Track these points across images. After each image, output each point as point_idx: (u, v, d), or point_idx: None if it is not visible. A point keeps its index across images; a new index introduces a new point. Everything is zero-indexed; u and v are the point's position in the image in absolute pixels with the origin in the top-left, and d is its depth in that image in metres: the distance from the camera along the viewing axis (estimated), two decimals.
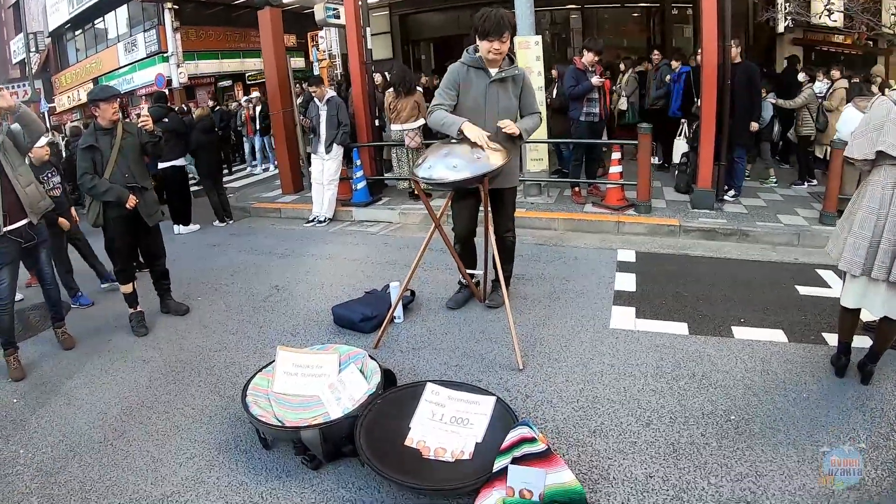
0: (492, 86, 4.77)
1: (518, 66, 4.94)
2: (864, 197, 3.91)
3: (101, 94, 5.42)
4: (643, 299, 5.70)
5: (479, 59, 4.72)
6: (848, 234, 3.96)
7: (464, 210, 5.25)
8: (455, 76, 4.81)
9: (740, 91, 8.47)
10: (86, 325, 5.89)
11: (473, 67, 4.78)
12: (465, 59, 4.81)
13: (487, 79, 4.76)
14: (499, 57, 4.65)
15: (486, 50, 4.59)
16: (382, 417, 3.52)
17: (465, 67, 4.80)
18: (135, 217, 5.49)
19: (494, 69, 4.75)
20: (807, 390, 4.05)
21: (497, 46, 4.55)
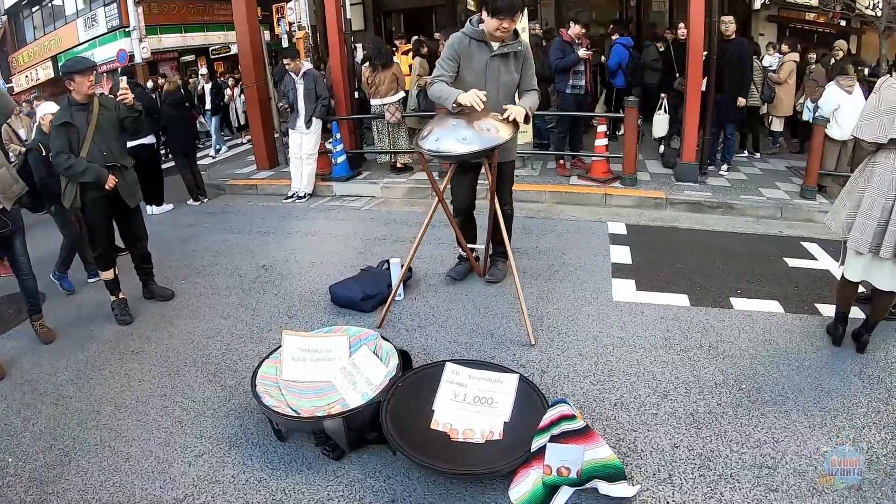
0: (493, 60, 4.66)
1: (521, 39, 4.81)
2: (873, 179, 3.98)
3: (76, 66, 5.01)
4: (641, 272, 5.73)
5: (481, 31, 4.58)
6: (855, 213, 4.05)
7: (465, 184, 5.15)
8: (456, 47, 4.66)
9: (732, 67, 8.59)
10: (64, 317, 5.54)
11: (475, 40, 4.65)
12: (467, 29, 4.67)
13: (489, 52, 4.64)
14: (505, 35, 4.54)
15: (493, 27, 4.46)
16: (405, 401, 3.40)
17: (466, 38, 4.66)
18: (114, 198, 5.18)
19: (496, 43, 4.62)
20: (808, 359, 4.17)
21: (506, 26, 4.45)
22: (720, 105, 8.72)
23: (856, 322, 4.34)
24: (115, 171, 5.11)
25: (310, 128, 8.84)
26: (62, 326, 5.32)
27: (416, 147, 4.45)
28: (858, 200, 4.03)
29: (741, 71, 8.72)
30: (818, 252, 6.22)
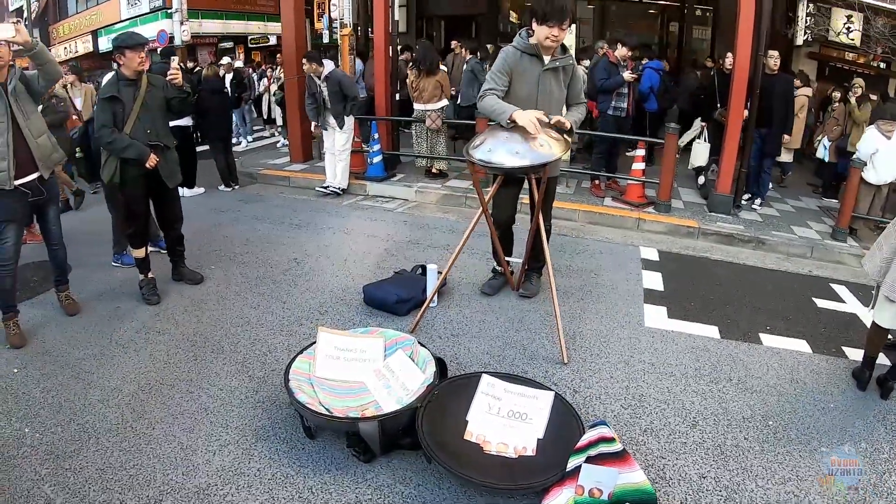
0: (545, 74, 4.64)
1: (570, 54, 4.80)
2: None
3: (129, 41, 4.99)
4: (672, 299, 5.70)
5: (533, 45, 4.56)
6: (892, 258, 4.06)
7: (507, 197, 5.11)
8: (509, 61, 4.64)
9: (778, 103, 8.50)
10: (89, 290, 5.52)
11: (527, 54, 4.62)
12: (518, 43, 4.65)
13: (541, 67, 4.62)
14: (555, 44, 4.51)
15: (543, 35, 4.42)
16: (440, 410, 3.37)
17: (518, 52, 4.64)
18: (154, 177, 5.19)
19: (548, 57, 4.61)
20: (833, 401, 4.16)
21: (556, 33, 4.40)
22: (763, 139, 8.69)
23: (882, 368, 4.33)
24: (157, 150, 5.11)
25: (342, 127, 8.74)
26: (87, 300, 5.31)
27: (466, 155, 4.42)
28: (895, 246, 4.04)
29: (785, 106, 8.64)
30: (846, 295, 6.18)
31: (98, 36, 24.59)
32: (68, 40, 27.32)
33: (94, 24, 25.56)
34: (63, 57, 26.99)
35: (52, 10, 28.96)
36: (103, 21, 25.15)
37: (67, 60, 25.85)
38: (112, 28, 24.05)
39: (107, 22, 24.91)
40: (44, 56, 4.44)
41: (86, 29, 26.04)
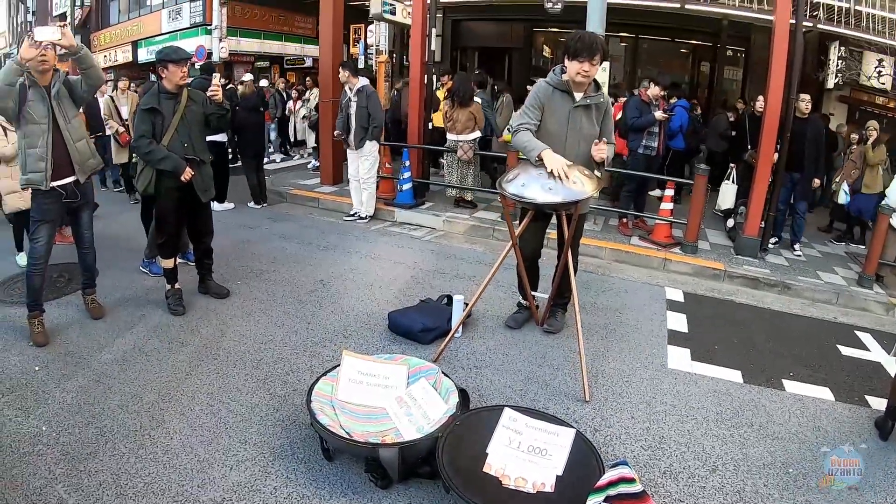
0: (576, 111, 4.67)
1: (602, 91, 4.83)
2: None
3: (172, 55, 5.13)
4: (696, 342, 5.65)
5: (565, 81, 4.61)
6: None
7: (535, 231, 5.13)
8: (541, 96, 4.70)
9: (810, 146, 8.49)
10: (116, 296, 5.63)
11: (559, 90, 4.67)
12: (550, 79, 4.70)
13: (571, 103, 4.66)
14: (586, 80, 4.55)
15: (574, 71, 4.48)
16: (460, 440, 3.37)
17: (550, 88, 4.69)
18: (188, 190, 5.30)
19: (579, 94, 4.65)
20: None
21: (587, 69, 4.44)
22: (795, 183, 8.67)
23: None
24: (192, 164, 5.23)
25: (362, 150, 8.72)
26: (113, 305, 5.42)
27: (499, 189, 4.46)
28: None
29: (816, 150, 8.65)
30: (871, 343, 6.07)
31: (138, 47, 24.93)
32: (108, 49, 27.70)
33: (135, 35, 25.90)
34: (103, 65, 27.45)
35: (95, 19, 29.36)
36: (144, 33, 25.50)
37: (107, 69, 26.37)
38: (152, 40, 24.46)
39: (147, 34, 25.26)
40: (88, 60, 4.57)
41: (126, 39, 26.39)
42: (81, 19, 29.01)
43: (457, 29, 19.32)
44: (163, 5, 24.72)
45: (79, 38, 25.60)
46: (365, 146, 8.65)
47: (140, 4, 26.43)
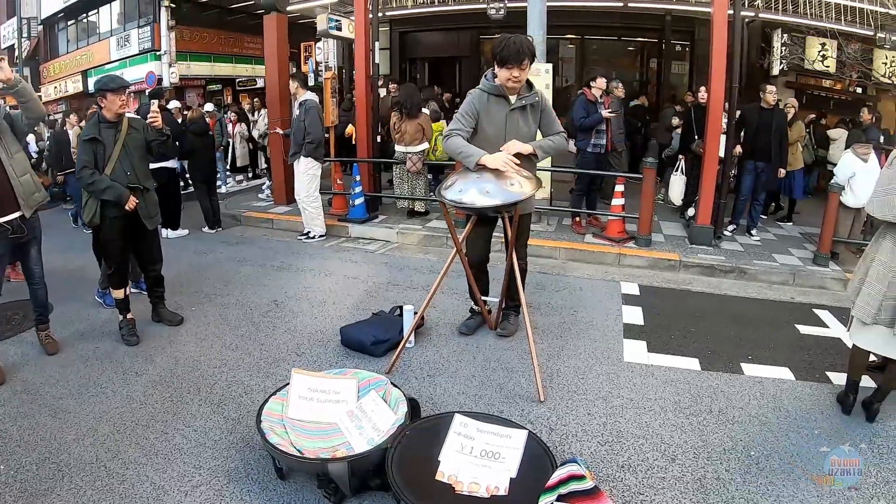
0: (512, 113, 4.71)
1: (536, 90, 4.85)
2: (881, 252, 4.06)
3: (110, 84, 5.08)
4: (652, 333, 5.70)
5: (498, 86, 4.65)
6: (863, 283, 4.12)
7: (480, 236, 5.15)
8: (475, 103, 4.72)
9: (775, 137, 8.63)
10: (70, 329, 5.57)
11: (493, 95, 4.70)
12: (484, 85, 4.74)
13: (507, 107, 4.70)
14: (518, 85, 4.60)
15: (505, 78, 4.53)
16: (411, 450, 3.36)
17: (485, 94, 4.72)
18: (133, 218, 5.24)
19: (514, 96, 4.69)
20: (818, 427, 4.14)
21: (516, 74, 4.49)
22: (759, 173, 8.79)
23: (867, 391, 4.32)
24: (136, 192, 5.17)
25: (298, 166, 8.67)
26: (68, 339, 5.35)
27: (438, 196, 4.47)
28: (867, 270, 4.10)
29: (781, 140, 8.78)
30: (830, 319, 6.20)
31: (88, 76, 24.68)
32: (59, 80, 27.45)
33: (85, 65, 25.68)
34: (53, 96, 27.29)
35: (44, 49, 29.11)
36: (94, 61, 25.28)
37: (58, 100, 26.14)
38: (102, 69, 24.19)
39: (97, 62, 25.05)
40: (26, 94, 4.52)
41: (76, 69, 26.16)
42: (30, 50, 28.80)
43: (404, 41, 19.41)
44: (111, 33, 24.63)
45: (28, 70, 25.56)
46: (300, 163, 8.59)
47: (88, 33, 26.36)
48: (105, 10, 24.93)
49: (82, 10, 25.84)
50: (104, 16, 25.20)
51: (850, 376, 4.36)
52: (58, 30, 28.42)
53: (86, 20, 26.41)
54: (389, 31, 18.79)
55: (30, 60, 28.76)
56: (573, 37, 18.32)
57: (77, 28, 27.15)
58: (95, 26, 25.96)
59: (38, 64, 29.09)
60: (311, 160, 8.60)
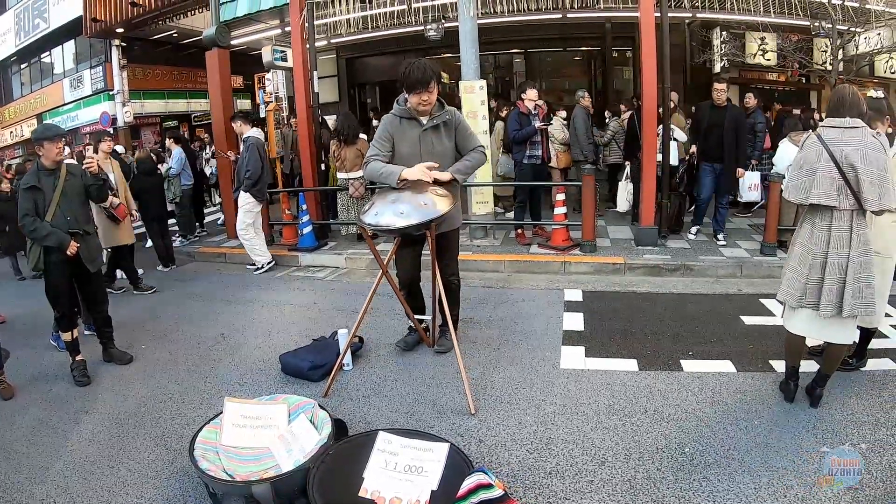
0: (425, 133, 4.86)
1: (448, 108, 4.98)
2: (800, 235, 4.15)
3: (46, 134, 5.28)
4: (592, 338, 5.76)
5: (409, 109, 4.81)
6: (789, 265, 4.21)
7: (407, 255, 5.28)
8: (388, 127, 4.90)
9: (728, 136, 8.29)
10: (26, 374, 5.66)
11: (405, 118, 4.87)
12: (395, 110, 4.91)
13: (420, 128, 4.85)
14: (428, 108, 4.76)
15: (415, 103, 4.70)
16: (335, 469, 3.47)
17: (397, 119, 4.90)
18: (76, 262, 5.36)
19: (425, 118, 4.84)
20: (758, 417, 4.17)
21: (425, 98, 4.67)
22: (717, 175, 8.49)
23: (810, 376, 4.35)
24: (77, 237, 5.29)
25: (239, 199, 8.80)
26: (23, 383, 5.45)
27: (358, 222, 4.62)
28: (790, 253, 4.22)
29: (736, 138, 8.36)
30: (777, 308, 5.80)
31: (43, 119, 24.47)
32: (14, 124, 27.15)
33: (39, 108, 25.51)
34: (10, 141, 27.01)
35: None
36: (48, 104, 25.15)
37: (14, 145, 25.91)
38: (57, 111, 24.18)
39: (51, 105, 24.94)
40: None
41: (31, 112, 25.93)
42: None
43: (352, 67, 19.49)
44: (64, 75, 24.46)
45: None
46: (240, 197, 8.73)
47: (42, 76, 26.11)
48: (57, 52, 24.77)
49: (35, 52, 25.64)
50: (57, 57, 25.05)
51: (787, 363, 4.43)
52: (11, 73, 28.13)
53: (39, 62, 26.20)
54: (336, 59, 18.87)
55: None
56: (517, 51, 18.55)
57: (30, 71, 26.96)
58: (49, 68, 25.77)
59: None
60: (248, 195, 8.74)
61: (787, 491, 3.37)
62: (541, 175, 9.12)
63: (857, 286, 3.89)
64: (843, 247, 3.91)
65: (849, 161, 3.81)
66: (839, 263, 3.91)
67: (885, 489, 3.32)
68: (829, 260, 3.93)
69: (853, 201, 3.85)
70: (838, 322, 4.04)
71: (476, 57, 8.99)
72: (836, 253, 3.92)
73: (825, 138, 3.94)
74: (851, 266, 3.89)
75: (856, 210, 3.88)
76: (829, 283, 3.94)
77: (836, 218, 3.92)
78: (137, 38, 20.73)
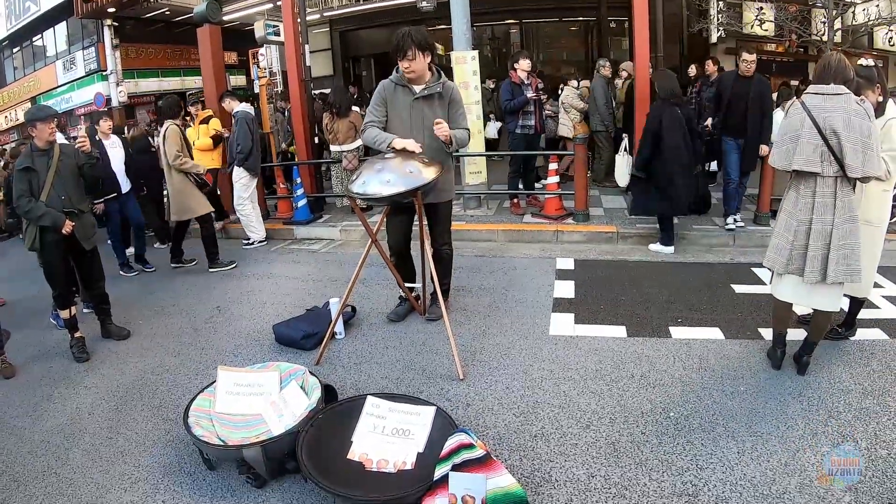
0: (417, 102, 4.94)
1: (444, 80, 5.04)
2: (786, 202, 4.18)
3: (38, 114, 5.34)
4: (582, 305, 5.82)
5: (402, 77, 4.90)
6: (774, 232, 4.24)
7: (397, 224, 5.36)
8: (382, 93, 5.00)
9: (755, 109, 7.42)
10: (26, 353, 5.75)
11: (400, 85, 4.96)
12: (393, 76, 4.99)
13: (412, 96, 4.93)
14: (415, 75, 4.85)
15: (403, 70, 4.80)
16: (324, 432, 3.56)
17: (392, 84, 4.99)
18: (72, 240, 5.43)
19: (419, 86, 4.91)
20: (744, 384, 4.21)
21: (407, 65, 4.77)
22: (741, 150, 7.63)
23: (798, 344, 4.38)
24: (71, 215, 5.35)
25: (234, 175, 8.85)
26: (24, 362, 5.54)
27: (345, 192, 4.70)
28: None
29: (762, 112, 7.45)
30: (768, 277, 5.78)
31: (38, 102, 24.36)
32: (8, 108, 27.18)
33: (33, 91, 25.51)
34: (4, 126, 26.99)
35: None
36: (41, 87, 25.15)
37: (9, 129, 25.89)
38: (51, 94, 24.16)
39: (45, 88, 24.94)
40: None
41: (25, 96, 25.92)
42: None
43: (346, 39, 19.52)
44: (56, 56, 24.43)
45: None
46: (234, 172, 8.77)
47: (34, 59, 26.07)
48: (49, 34, 24.69)
49: (27, 35, 25.61)
50: (49, 40, 24.97)
51: (774, 329, 4.46)
52: (3, 58, 28.12)
53: (31, 46, 26.16)
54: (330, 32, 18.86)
55: None
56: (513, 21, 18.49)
57: (23, 54, 26.91)
58: (42, 51, 25.72)
59: None
60: (241, 170, 8.77)
61: (770, 456, 3.41)
62: (533, 144, 9.14)
63: (841, 252, 3.91)
64: (828, 213, 3.93)
65: (832, 127, 3.82)
66: (823, 230, 3.93)
67: (869, 457, 3.36)
68: (814, 227, 3.96)
69: (836, 168, 3.86)
70: (824, 289, 4.06)
71: (468, 27, 8.97)
72: (821, 219, 3.94)
73: (809, 105, 3.95)
74: (836, 232, 3.91)
75: (840, 177, 3.89)
76: (812, 249, 3.96)
77: (820, 185, 3.93)
78: (129, 17, 20.62)
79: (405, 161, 4.51)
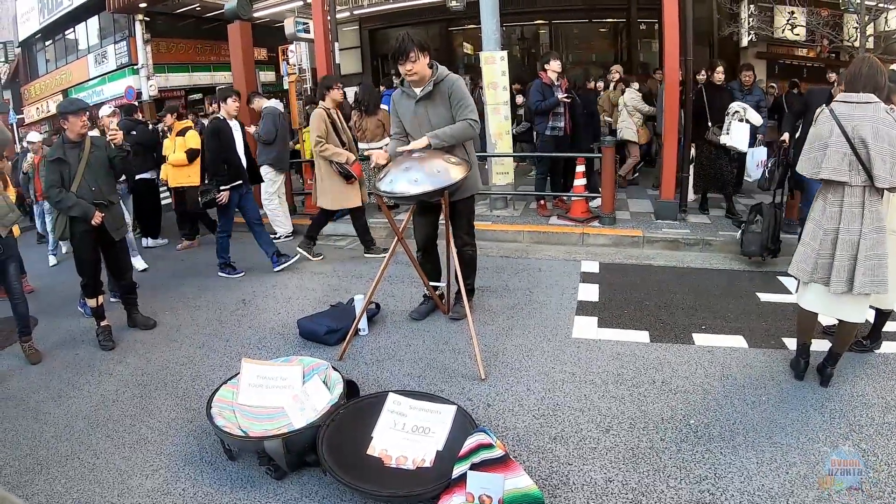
0: (419, 105, 4.97)
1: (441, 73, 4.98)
2: (814, 210, 4.11)
3: (70, 107, 5.41)
4: (605, 309, 5.78)
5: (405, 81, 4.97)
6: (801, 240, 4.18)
7: (423, 222, 5.42)
8: (394, 104, 5.14)
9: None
10: (53, 340, 5.87)
11: (404, 91, 5.03)
12: (398, 85, 5.12)
13: (414, 99, 4.96)
14: (417, 77, 4.84)
15: (405, 73, 4.83)
16: (345, 427, 3.59)
17: (400, 92, 5.09)
18: (101, 231, 5.51)
19: (418, 88, 4.93)
20: (766, 394, 4.15)
21: (408, 68, 4.78)
22: None
23: (822, 355, 4.31)
24: (101, 207, 5.44)
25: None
26: (51, 349, 5.66)
27: (373, 190, 4.72)
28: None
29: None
30: (794, 285, 5.66)
31: (69, 94, 24.59)
32: (40, 100, 27.50)
33: (65, 84, 25.78)
34: (36, 117, 27.32)
35: (23, 71, 29.10)
36: (73, 80, 25.39)
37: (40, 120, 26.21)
38: (82, 87, 24.39)
39: (76, 81, 25.18)
40: None
41: (57, 88, 26.22)
42: (10, 73, 28.74)
43: (374, 38, 19.57)
44: (88, 50, 24.65)
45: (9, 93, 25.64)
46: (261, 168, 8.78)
47: (66, 52, 26.33)
48: (82, 28, 24.94)
49: (59, 29, 25.88)
50: (81, 33, 25.23)
51: (798, 339, 4.38)
52: (36, 50, 28.44)
53: (63, 39, 26.40)
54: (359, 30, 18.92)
55: (10, 83, 28.77)
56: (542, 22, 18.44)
57: (55, 48, 27.19)
58: (73, 44, 25.97)
59: (18, 86, 29.10)
60: (267, 166, 8.88)
61: (789, 468, 3.36)
62: (562, 147, 9.02)
63: (868, 263, 3.85)
64: (855, 223, 3.87)
65: (860, 137, 3.76)
66: (851, 240, 3.88)
67: (888, 472, 3.30)
68: (840, 236, 3.90)
69: (865, 177, 3.81)
70: (850, 299, 4.00)
71: (497, 27, 8.94)
72: (848, 229, 3.89)
73: (837, 113, 3.90)
74: (863, 242, 3.85)
75: (868, 186, 3.83)
76: (839, 259, 3.90)
77: (848, 194, 3.88)
78: (160, 12, 20.93)
79: (432, 160, 4.52)
